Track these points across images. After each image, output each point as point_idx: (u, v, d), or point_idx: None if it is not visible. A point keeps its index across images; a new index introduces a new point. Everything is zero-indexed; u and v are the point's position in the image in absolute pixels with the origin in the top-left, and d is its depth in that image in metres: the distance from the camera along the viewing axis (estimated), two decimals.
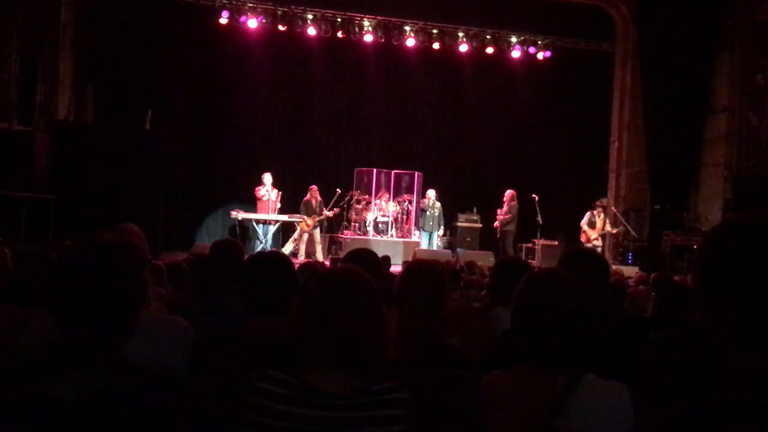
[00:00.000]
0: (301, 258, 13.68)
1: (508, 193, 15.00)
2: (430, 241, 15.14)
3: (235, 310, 3.28)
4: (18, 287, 4.05)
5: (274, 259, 3.06)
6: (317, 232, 14.75)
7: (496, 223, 15.01)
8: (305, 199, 14.76)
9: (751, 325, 1.35)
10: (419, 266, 3.16)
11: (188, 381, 2.52)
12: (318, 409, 1.94)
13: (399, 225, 15.83)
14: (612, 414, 2.16)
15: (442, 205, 15.40)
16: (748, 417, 1.30)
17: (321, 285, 2.10)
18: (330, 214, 14.84)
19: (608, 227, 14.66)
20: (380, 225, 15.63)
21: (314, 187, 14.88)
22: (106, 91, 13.58)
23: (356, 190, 15.85)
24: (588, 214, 14.69)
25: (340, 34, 15.95)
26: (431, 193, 15.37)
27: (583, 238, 14.56)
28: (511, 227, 14.91)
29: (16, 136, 11.63)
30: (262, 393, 1.97)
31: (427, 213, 15.17)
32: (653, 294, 4.55)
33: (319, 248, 14.64)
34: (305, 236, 14.60)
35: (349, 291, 2.05)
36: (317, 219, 14.60)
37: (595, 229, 14.53)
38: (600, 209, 14.66)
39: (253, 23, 15.51)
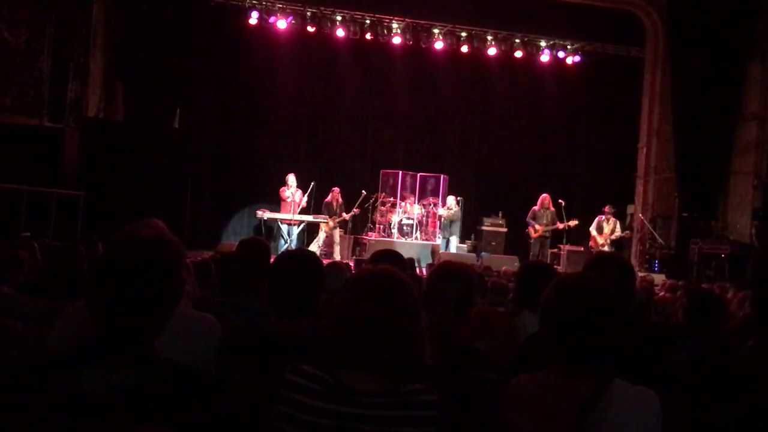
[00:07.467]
0: (335, 257, 13.76)
1: (545, 196, 14.80)
2: (447, 245, 15.06)
3: (262, 308, 3.28)
4: (47, 281, 4.11)
5: (305, 258, 3.04)
6: (337, 232, 14.78)
7: (536, 233, 14.52)
8: (327, 200, 14.83)
9: None
10: (449, 269, 3.13)
11: (216, 377, 2.53)
12: (348, 405, 1.94)
13: (423, 228, 15.80)
14: (641, 420, 2.14)
15: (467, 208, 15.27)
16: None
17: (360, 287, 2.08)
18: (347, 216, 14.85)
19: (617, 232, 14.43)
20: (405, 227, 15.62)
21: (336, 189, 14.96)
22: (135, 90, 13.68)
23: (381, 191, 15.85)
24: (597, 219, 14.56)
25: (368, 36, 16.00)
26: (450, 200, 15.32)
27: (591, 244, 14.44)
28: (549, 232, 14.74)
29: (47, 132, 11.73)
30: (293, 386, 1.97)
31: (444, 219, 15.18)
32: (685, 301, 4.51)
33: (337, 249, 14.66)
34: (325, 236, 14.66)
35: (388, 294, 2.03)
36: (337, 221, 14.64)
37: (602, 234, 14.36)
38: (609, 215, 14.48)
39: (282, 24, 15.60)
